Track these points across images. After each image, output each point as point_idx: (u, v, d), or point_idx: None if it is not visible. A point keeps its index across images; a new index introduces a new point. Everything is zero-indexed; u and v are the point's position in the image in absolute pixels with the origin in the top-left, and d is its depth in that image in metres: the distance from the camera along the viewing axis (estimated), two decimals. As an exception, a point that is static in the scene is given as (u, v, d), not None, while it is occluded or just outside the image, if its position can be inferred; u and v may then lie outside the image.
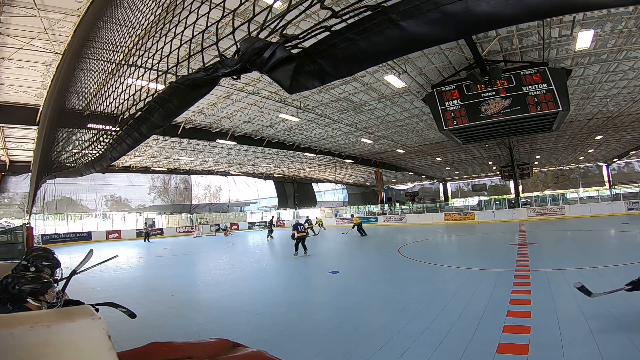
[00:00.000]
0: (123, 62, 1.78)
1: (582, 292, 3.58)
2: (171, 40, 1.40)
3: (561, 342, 3.33)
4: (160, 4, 1.58)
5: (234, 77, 0.92)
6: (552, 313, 4.16)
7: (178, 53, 1.33)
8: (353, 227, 18.84)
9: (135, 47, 1.67)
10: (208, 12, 1.13)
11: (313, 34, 0.79)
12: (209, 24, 1.11)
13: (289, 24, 0.85)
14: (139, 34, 1.69)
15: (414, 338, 3.74)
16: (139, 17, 1.78)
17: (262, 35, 0.86)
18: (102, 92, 2.00)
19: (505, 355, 3.19)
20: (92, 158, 2.11)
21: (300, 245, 11.37)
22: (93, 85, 2.42)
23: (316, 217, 25.85)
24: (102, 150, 1.86)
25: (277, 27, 0.85)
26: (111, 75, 1.92)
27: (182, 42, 1.31)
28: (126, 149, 1.50)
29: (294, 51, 0.80)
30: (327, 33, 0.73)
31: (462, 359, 3.18)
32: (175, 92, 1.06)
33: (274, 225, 22.71)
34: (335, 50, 0.70)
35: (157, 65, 1.44)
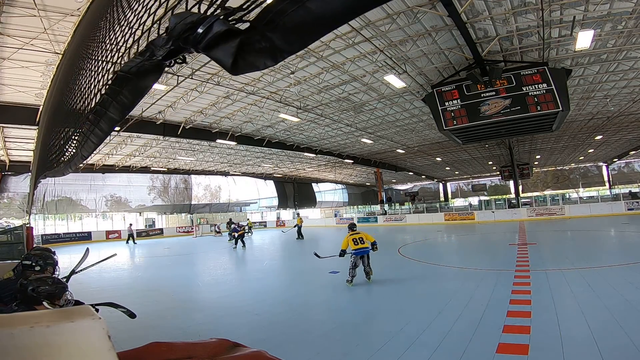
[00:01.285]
0: (108, 60, 1.75)
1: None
2: (121, 29, 1.32)
3: (561, 342, 3.33)
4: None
5: (178, 61, 0.82)
6: (552, 313, 4.16)
7: (129, 39, 1.23)
8: (295, 226, 19.44)
9: (101, 40, 1.62)
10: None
11: (258, 1, 0.69)
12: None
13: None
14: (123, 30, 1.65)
15: (414, 338, 3.73)
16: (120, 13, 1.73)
17: (207, 10, 0.73)
18: (84, 91, 1.98)
19: (505, 355, 3.19)
20: (68, 157, 2.10)
21: (239, 241, 15.37)
22: (83, 84, 2.41)
23: (248, 220, 27.01)
24: (74, 149, 1.85)
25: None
26: (95, 74, 1.90)
27: (128, 29, 1.23)
28: (93, 147, 1.48)
29: (240, 26, 0.69)
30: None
31: (462, 359, 3.18)
32: (123, 82, 1.00)
33: (246, 229, 19.04)
34: (283, 18, 0.61)
35: (111, 56, 1.35)
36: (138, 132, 15.38)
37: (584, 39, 8.56)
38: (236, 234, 15.58)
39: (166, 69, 1.48)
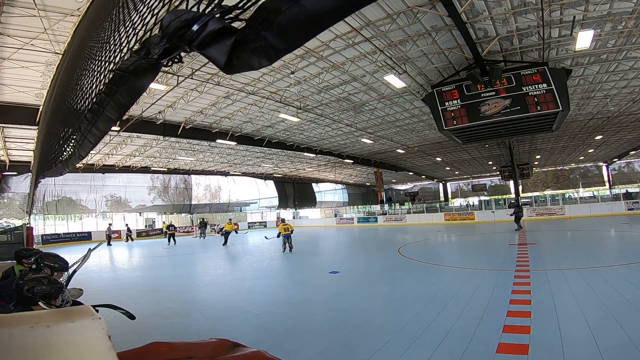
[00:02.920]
0: (107, 60, 1.75)
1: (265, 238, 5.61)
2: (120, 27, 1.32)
3: (561, 342, 3.33)
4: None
5: (175, 60, 0.82)
6: (552, 313, 4.16)
7: (126, 38, 1.23)
8: (222, 231, 18.89)
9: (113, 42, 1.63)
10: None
11: (253, 0, 0.68)
12: None
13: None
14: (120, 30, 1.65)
15: (414, 338, 3.73)
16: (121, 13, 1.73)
17: (205, 8, 0.73)
18: (83, 91, 1.98)
19: (505, 355, 3.19)
20: (65, 157, 2.09)
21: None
22: (81, 84, 2.41)
23: (230, 219, 26.00)
24: (72, 148, 1.84)
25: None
26: (95, 73, 1.90)
27: (125, 27, 1.24)
28: (90, 146, 1.47)
29: (235, 25, 0.69)
30: None
31: (462, 359, 3.18)
32: (120, 81, 1.00)
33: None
34: (278, 16, 0.61)
35: (109, 55, 1.36)
36: (138, 132, 15.38)
37: (584, 39, 8.56)
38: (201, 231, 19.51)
39: (164, 68, 1.48)
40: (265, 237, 15.05)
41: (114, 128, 13.54)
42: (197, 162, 25.30)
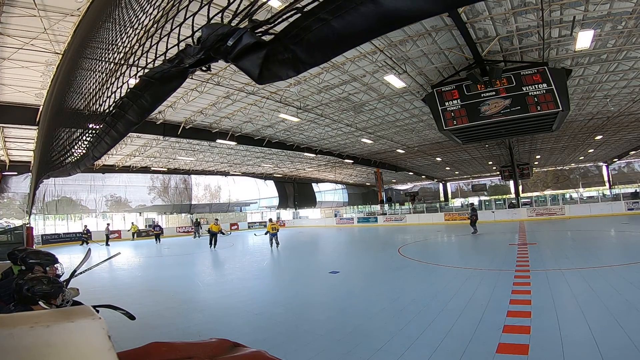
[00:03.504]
0: (112, 61, 1.76)
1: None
2: (144, 35, 1.35)
3: (561, 342, 3.33)
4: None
5: (204, 68, 0.86)
6: (552, 313, 4.16)
7: (155, 46, 1.26)
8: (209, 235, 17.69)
9: (121, 44, 1.65)
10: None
11: (284, 17, 0.71)
12: (173, 12, 1.04)
13: (258, 8, 0.79)
14: (128, 32, 1.67)
15: (414, 338, 3.73)
16: (131, 15, 1.76)
17: (238, 23, 0.77)
18: (89, 91, 1.98)
19: (505, 355, 3.19)
20: (77, 157, 2.10)
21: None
22: (86, 84, 2.42)
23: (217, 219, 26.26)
24: (85, 149, 1.85)
25: (244, 10, 0.77)
26: (100, 74, 1.90)
27: (151, 35, 1.26)
28: (106, 148, 1.48)
29: (265, 38, 0.73)
30: (299, 15, 0.66)
31: (462, 359, 3.18)
32: (146, 86, 1.02)
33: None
34: (307, 34, 0.64)
35: (133, 61, 1.39)
36: (138, 132, 15.40)
37: (584, 39, 8.56)
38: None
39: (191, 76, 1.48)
40: (255, 235, 16.87)
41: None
42: (197, 162, 25.30)
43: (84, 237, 20.38)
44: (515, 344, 3.39)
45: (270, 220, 15.24)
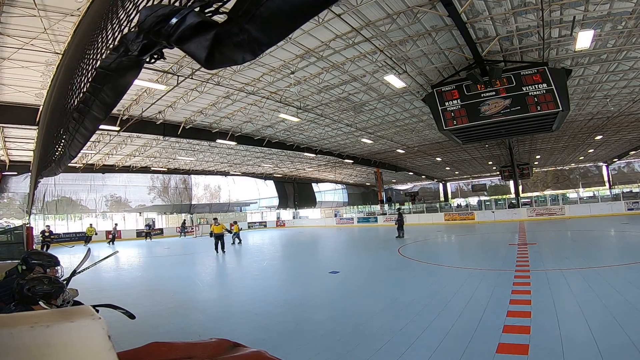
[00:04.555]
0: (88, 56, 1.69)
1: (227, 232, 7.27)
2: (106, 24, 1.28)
3: (561, 342, 3.33)
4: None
5: (155, 57, 0.79)
6: (552, 313, 4.16)
7: (107, 35, 1.21)
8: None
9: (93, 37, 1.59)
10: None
11: None
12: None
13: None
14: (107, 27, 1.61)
15: (414, 338, 3.73)
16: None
17: (186, 3, 0.70)
18: (71, 89, 1.95)
19: (505, 355, 3.19)
20: (57, 157, 2.08)
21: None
22: (74, 82, 2.40)
23: (215, 219, 25.85)
24: (62, 148, 1.83)
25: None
26: (81, 71, 1.87)
27: (110, 24, 1.19)
28: (79, 146, 1.47)
29: (217, 19, 0.66)
30: None
31: (462, 359, 3.18)
32: (103, 79, 0.98)
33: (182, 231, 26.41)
34: (259, 8, 0.58)
35: (95, 54, 1.32)
36: (138, 132, 15.38)
37: (584, 39, 8.56)
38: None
39: (152, 65, 1.47)
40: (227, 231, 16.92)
41: (114, 128, 13.60)
42: (197, 162, 25.30)
43: (47, 236, 16.80)
44: (515, 344, 3.38)
45: (235, 222, 18.13)
